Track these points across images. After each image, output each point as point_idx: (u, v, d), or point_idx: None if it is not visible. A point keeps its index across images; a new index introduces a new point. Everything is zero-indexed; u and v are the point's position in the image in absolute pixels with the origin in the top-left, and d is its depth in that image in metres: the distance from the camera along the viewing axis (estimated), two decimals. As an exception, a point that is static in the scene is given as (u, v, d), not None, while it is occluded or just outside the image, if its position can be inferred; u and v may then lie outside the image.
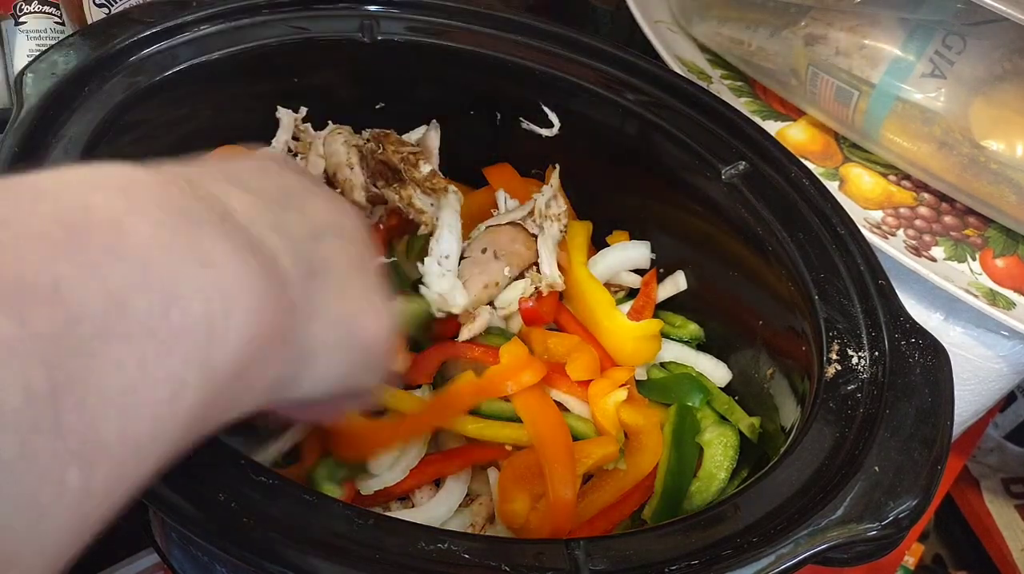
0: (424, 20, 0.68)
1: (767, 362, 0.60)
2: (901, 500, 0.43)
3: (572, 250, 0.67)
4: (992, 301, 0.67)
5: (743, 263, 0.62)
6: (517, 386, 0.56)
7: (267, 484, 0.39)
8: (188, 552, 0.54)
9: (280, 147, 0.67)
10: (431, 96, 0.71)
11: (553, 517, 0.52)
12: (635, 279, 0.70)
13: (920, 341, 0.52)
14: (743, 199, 0.61)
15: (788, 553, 0.41)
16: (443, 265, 0.60)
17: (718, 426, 0.60)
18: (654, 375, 0.65)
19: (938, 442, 0.47)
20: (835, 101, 0.76)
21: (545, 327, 0.62)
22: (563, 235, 0.65)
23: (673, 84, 0.67)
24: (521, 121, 0.71)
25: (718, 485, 0.58)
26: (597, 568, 0.39)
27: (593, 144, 0.70)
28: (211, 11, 0.62)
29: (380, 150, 0.65)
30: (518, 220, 0.64)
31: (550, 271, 0.63)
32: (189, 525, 0.38)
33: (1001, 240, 0.74)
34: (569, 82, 0.67)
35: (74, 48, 0.57)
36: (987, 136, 0.69)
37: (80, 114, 0.54)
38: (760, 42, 0.81)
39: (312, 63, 0.67)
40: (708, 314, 0.67)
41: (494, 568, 0.38)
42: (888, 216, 0.74)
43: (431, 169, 0.67)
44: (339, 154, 0.67)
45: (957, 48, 0.70)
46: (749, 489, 0.44)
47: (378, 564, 0.37)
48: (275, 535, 0.37)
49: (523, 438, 0.55)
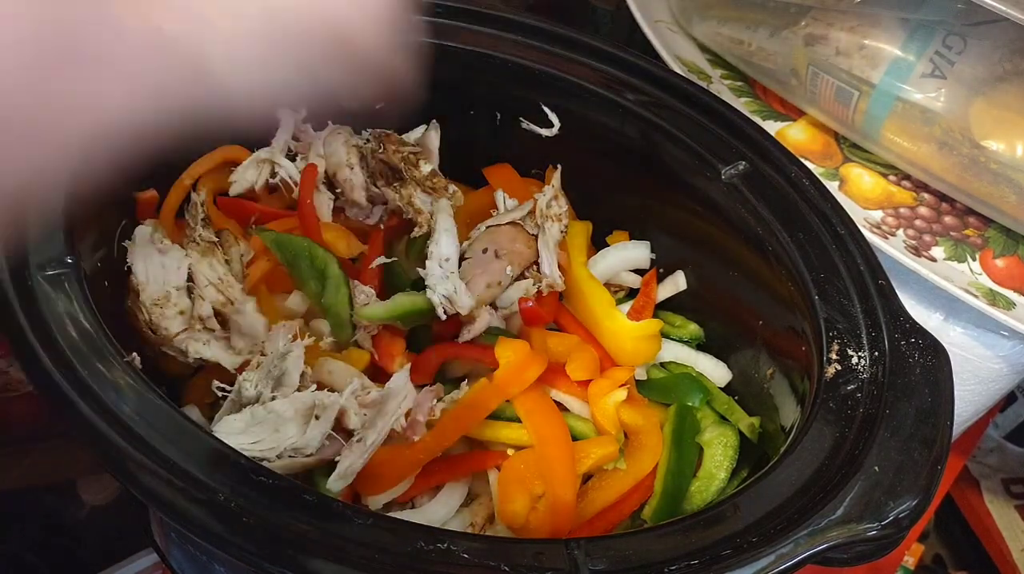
0: (424, 20, 0.68)
1: (767, 362, 0.60)
2: (901, 500, 0.43)
3: (572, 250, 0.67)
4: (992, 301, 0.67)
5: (743, 263, 0.62)
6: (521, 385, 0.56)
7: (267, 484, 0.39)
8: (188, 552, 0.54)
9: (280, 147, 0.67)
10: (431, 96, 0.71)
11: (553, 517, 0.52)
12: (635, 279, 0.70)
13: (920, 341, 0.52)
14: (743, 199, 0.61)
15: (788, 553, 0.41)
16: (444, 267, 0.60)
17: (718, 426, 0.60)
18: (654, 375, 0.65)
19: (938, 442, 0.47)
20: (835, 101, 0.76)
21: (545, 327, 0.62)
22: (563, 235, 0.65)
23: (673, 84, 0.67)
24: (521, 121, 0.71)
25: (718, 485, 0.58)
26: (597, 568, 0.39)
27: (593, 144, 0.70)
28: (211, 11, 0.62)
29: (381, 150, 0.65)
30: (518, 220, 0.64)
31: (550, 271, 0.63)
32: (189, 525, 0.38)
33: (1001, 240, 0.74)
34: (569, 82, 0.67)
35: (74, 48, 0.57)
36: (987, 136, 0.69)
37: (80, 114, 0.54)
38: (760, 42, 0.81)
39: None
40: (708, 314, 0.67)
41: (494, 568, 0.38)
42: (888, 216, 0.74)
43: (432, 169, 0.67)
44: (339, 154, 0.67)
45: (957, 48, 0.70)
46: (749, 489, 0.44)
47: (378, 564, 0.37)
48: (275, 535, 0.37)
49: (524, 438, 0.55)
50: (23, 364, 0.41)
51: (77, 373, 0.41)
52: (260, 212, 0.65)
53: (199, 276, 0.57)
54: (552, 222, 0.64)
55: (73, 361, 0.41)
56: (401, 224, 0.67)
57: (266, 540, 0.37)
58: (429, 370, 0.59)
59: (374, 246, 0.65)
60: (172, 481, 0.38)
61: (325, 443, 0.51)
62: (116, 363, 0.42)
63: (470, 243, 0.63)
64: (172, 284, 0.56)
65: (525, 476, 0.54)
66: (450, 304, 0.58)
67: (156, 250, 0.56)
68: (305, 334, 0.55)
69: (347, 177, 0.66)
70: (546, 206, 0.65)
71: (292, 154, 0.68)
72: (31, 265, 0.45)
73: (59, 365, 0.41)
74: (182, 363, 0.56)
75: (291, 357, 0.53)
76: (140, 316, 0.54)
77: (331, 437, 0.51)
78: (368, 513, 0.40)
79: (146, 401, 0.41)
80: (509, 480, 0.54)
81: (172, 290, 0.55)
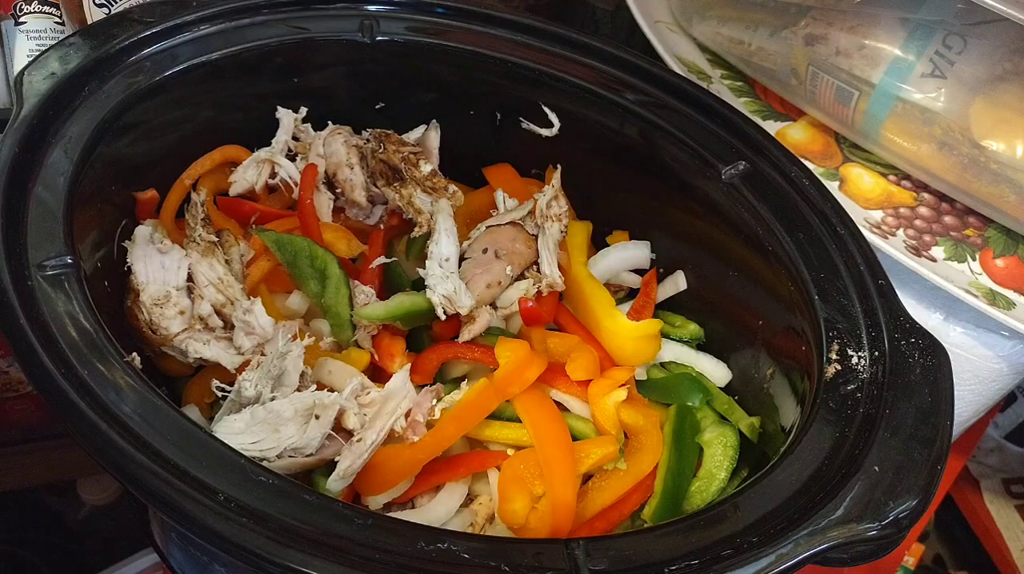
0: (424, 20, 0.68)
1: (767, 362, 0.60)
2: (901, 500, 0.43)
3: (572, 250, 0.67)
4: (992, 301, 0.67)
5: (743, 263, 0.62)
6: (521, 385, 0.56)
7: (267, 484, 0.39)
8: (188, 552, 0.54)
9: (280, 147, 0.67)
10: (431, 96, 0.71)
11: (553, 517, 0.52)
12: (635, 279, 0.70)
13: (920, 341, 0.52)
14: (743, 199, 0.61)
15: (788, 553, 0.41)
16: (444, 267, 0.60)
17: (718, 426, 0.60)
18: (654, 375, 0.65)
19: (938, 442, 0.47)
20: (835, 101, 0.76)
21: (545, 327, 0.62)
22: (563, 235, 0.65)
23: (673, 84, 0.67)
24: (521, 121, 0.71)
25: (718, 485, 0.58)
26: (597, 568, 0.39)
27: (593, 144, 0.70)
28: (211, 11, 0.62)
29: (381, 150, 0.66)
30: (518, 220, 0.64)
31: (550, 271, 0.63)
32: (189, 525, 0.38)
33: (1001, 240, 0.74)
34: (569, 82, 0.67)
35: (74, 48, 0.57)
36: (987, 136, 0.69)
37: (80, 114, 0.54)
38: (760, 42, 0.81)
39: (312, 63, 0.67)
40: (708, 314, 0.67)
41: (494, 568, 0.38)
42: (888, 216, 0.74)
43: (432, 169, 0.67)
44: (339, 154, 0.67)
45: (957, 48, 0.70)
46: (749, 489, 0.44)
47: (378, 564, 0.37)
48: (275, 535, 0.37)
49: (524, 438, 0.55)
50: (23, 364, 0.41)
51: (77, 373, 0.41)
52: (260, 212, 0.65)
53: (199, 276, 0.57)
54: (552, 222, 0.64)
55: (73, 361, 0.41)
56: (401, 224, 0.67)
57: (266, 540, 0.37)
58: (429, 370, 0.59)
59: (374, 246, 0.65)
60: (172, 481, 0.38)
61: (325, 443, 0.51)
62: (116, 363, 0.42)
63: (470, 243, 0.63)
64: (172, 284, 0.56)
65: (525, 476, 0.54)
66: (450, 304, 0.58)
67: (156, 250, 0.56)
68: (305, 334, 0.55)
69: (347, 177, 0.66)
70: (546, 206, 0.65)
71: (292, 154, 0.68)
72: (31, 265, 0.45)
73: (59, 365, 0.41)
74: (182, 363, 0.56)
75: (291, 357, 0.53)
76: (140, 316, 0.54)
77: (331, 437, 0.51)
78: (368, 513, 0.40)
79: (146, 401, 0.41)
80: (509, 480, 0.54)
81: (172, 290, 0.55)
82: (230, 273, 0.58)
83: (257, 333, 0.55)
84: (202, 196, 0.62)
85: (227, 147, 0.66)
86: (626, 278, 0.70)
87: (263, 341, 0.55)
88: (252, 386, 0.51)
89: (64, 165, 0.50)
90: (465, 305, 0.58)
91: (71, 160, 0.51)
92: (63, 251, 0.46)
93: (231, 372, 0.54)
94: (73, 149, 0.51)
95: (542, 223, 0.64)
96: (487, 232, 0.64)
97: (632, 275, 0.70)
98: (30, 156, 0.50)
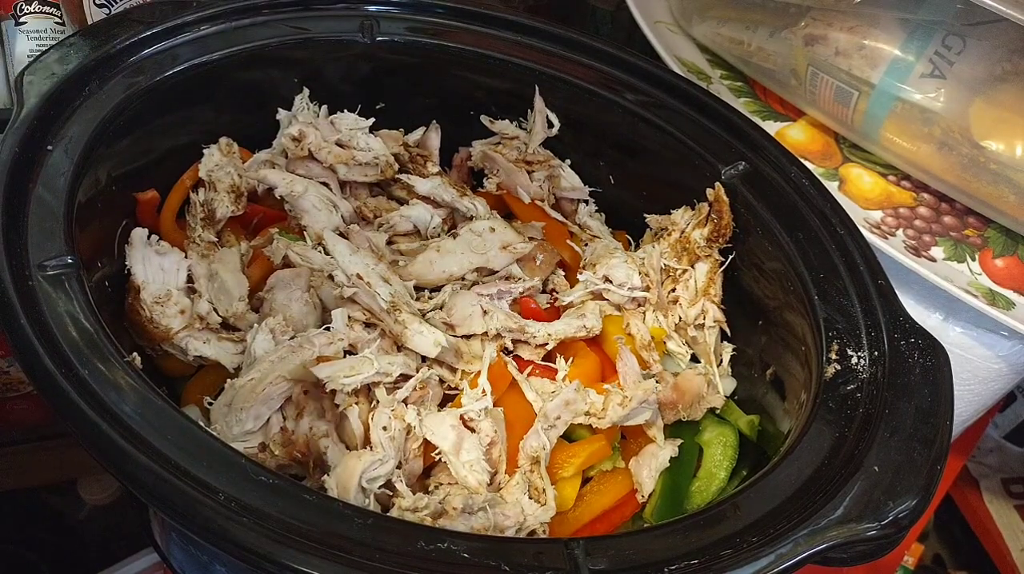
0: (424, 20, 0.68)
1: (767, 362, 0.60)
2: (901, 500, 0.43)
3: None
4: (992, 301, 0.67)
5: (743, 263, 0.62)
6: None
7: (267, 484, 0.39)
8: (188, 552, 0.54)
9: (280, 148, 0.67)
10: (431, 96, 0.71)
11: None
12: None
13: (920, 341, 0.52)
14: (743, 199, 0.61)
15: (788, 553, 0.41)
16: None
17: (718, 426, 0.60)
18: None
19: (938, 442, 0.47)
20: (835, 101, 0.76)
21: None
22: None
23: (673, 84, 0.67)
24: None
25: (718, 485, 0.58)
26: (597, 568, 0.39)
27: (593, 144, 0.70)
28: (211, 11, 0.62)
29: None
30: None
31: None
32: (189, 525, 0.38)
33: (1001, 240, 0.74)
34: (569, 82, 0.67)
35: (74, 48, 0.57)
36: (987, 136, 0.69)
37: (80, 114, 0.54)
38: (760, 42, 0.81)
39: (312, 63, 0.67)
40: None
41: (494, 568, 0.38)
42: (888, 216, 0.74)
43: (437, 169, 0.68)
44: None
45: (957, 48, 0.70)
46: (749, 489, 0.44)
47: (378, 564, 0.37)
48: (275, 535, 0.37)
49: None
50: (24, 364, 0.41)
51: (78, 373, 0.41)
52: (262, 214, 0.65)
53: (200, 279, 0.57)
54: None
55: (74, 361, 0.41)
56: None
57: (266, 539, 0.37)
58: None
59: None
60: (172, 481, 0.38)
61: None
62: (116, 363, 0.42)
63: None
64: (172, 285, 0.56)
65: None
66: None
67: (154, 252, 0.56)
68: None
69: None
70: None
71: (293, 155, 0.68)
72: (32, 265, 0.45)
73: (60, 365, 0.41)
74: (182, 363, 0.56)
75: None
76: (142, 312, 0.54)
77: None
78: (368, 512, 0.40)
79: (146, 401, 0.41)
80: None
81: (173, 290, 0.56)
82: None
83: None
84: (202, 196, 0.62)
85: (227, 147, 0.66)
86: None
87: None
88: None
89: (64, 165, 0.50)
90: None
91: (72, 160, 0.51)
92: (63, 251, 0.46)
93: (231, 372, 0.54)
94: (73, 149, 0.51)
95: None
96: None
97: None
98: (30, 156, 0.50)
